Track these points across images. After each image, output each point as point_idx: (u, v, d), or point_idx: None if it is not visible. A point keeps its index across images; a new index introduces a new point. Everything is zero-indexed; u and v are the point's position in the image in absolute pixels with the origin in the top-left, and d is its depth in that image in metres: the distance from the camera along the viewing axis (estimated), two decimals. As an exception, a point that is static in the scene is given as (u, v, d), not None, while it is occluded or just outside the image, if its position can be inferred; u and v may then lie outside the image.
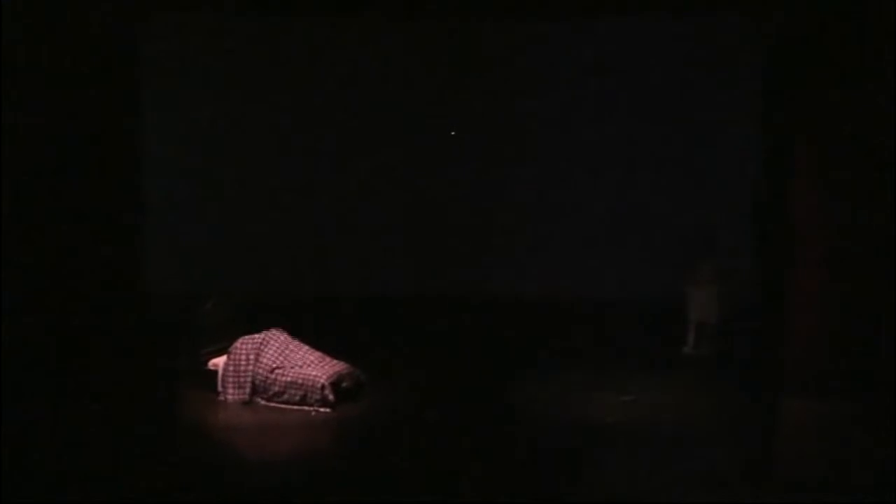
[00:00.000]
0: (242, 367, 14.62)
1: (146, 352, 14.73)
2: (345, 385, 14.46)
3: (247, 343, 14.81)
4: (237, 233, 18.87)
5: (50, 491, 11.42)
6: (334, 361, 14.80)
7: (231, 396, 14.61)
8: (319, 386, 14.24)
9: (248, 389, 14.56)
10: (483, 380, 15.24)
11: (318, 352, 14.97)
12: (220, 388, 14.69)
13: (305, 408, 14.27)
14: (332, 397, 14.22)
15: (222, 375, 14.69)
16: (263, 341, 14.83)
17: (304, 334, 15.25)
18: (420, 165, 19.04)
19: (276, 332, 15.06)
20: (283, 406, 14.40)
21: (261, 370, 14.57)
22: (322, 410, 14.20)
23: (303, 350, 14.93)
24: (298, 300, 17.51)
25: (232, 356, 14.73)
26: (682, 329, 15.73)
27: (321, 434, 13.76)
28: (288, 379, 14.42)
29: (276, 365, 14.59)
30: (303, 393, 14.30)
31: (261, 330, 15.03)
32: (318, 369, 14.48)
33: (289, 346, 14.89)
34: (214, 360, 14.89)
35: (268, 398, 14.53)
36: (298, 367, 14.53)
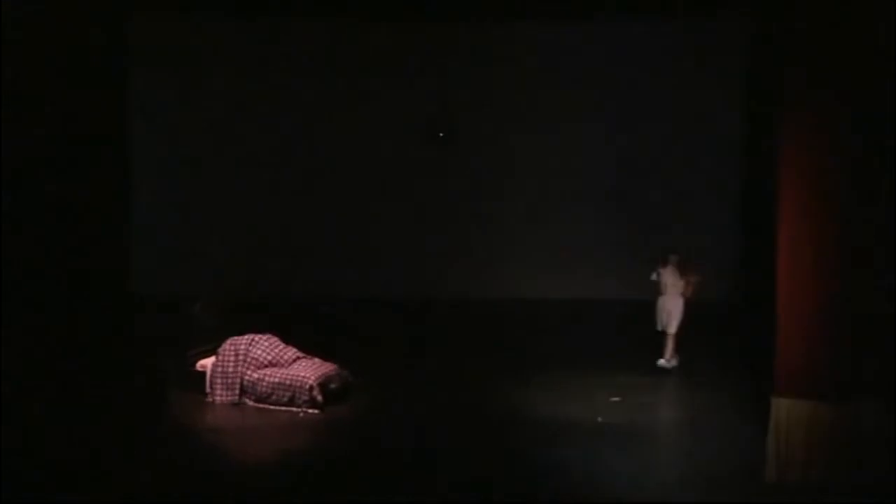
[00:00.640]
0: (231, 369, 14.57)
1: (134, 354, 14.68)
2: (333, 386, 14.43)
3: (235, 344, 14.77)
4: (225, 235, 18.86)
5: (38, 490, 11.39)
6: (322, 363, 14.77)
7: (219, 397, 14.56)
8: (307, 387, 14.20)
9: (237, 390, 14.51)
10: (472, 380, 15.22)
11: (305, 353, 14.95)
12: (208, 390, 14.64)
13: (293, 409, 14.23)
14: (320, 398, 14.18)
15: (210, 376, 14.65)
16: (251, 342, 14.78)
17: (290, 336, 15.23)
18: (407, 169, 19.05)
19: (264, 335, 15.01)
20: (271, 407, 14.36)
21: (249, 371, 14.52)
22: (310, 411, 14.16)
23: (291, 351, 14.91)
24: (285, 302, 17.51)
25: (220, 357, 14.69)
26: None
27: (309, 435, 13.74)
28: (276, 380, 14.38)
29: (264, 364, 14.56)
30: (291, 394, 14.26)
31: (248, 331, 14.98)
32: (306, 370, 14.44)
33: (277, 347, 14.86)
34: (202, 362, 14.84)
35: (256, 399, 14.48)
36: (286, 368, 14.50)
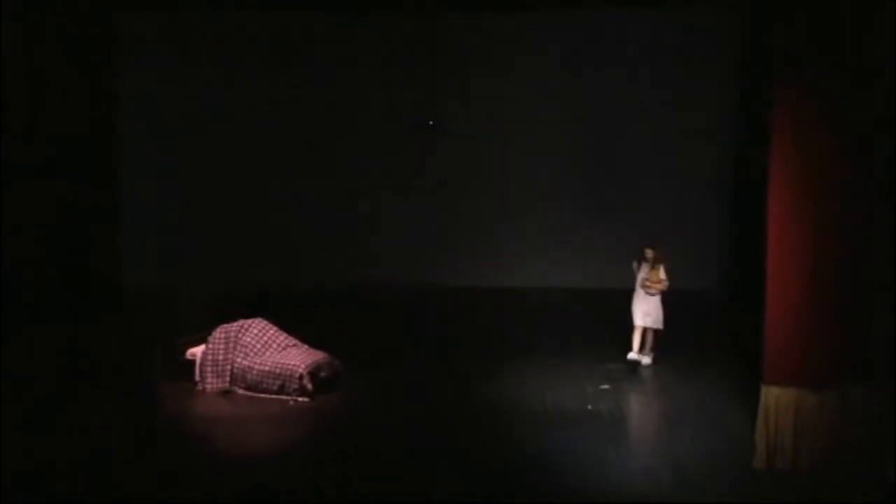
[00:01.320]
0: (221, 356, 14.57)
1: (124, 342, 14.70)
2: (323, 375, 14.43)
3: (224, 331, 14.76)
4: (214, 225, 18.83)
5: (29, 478, 11.40)
6: (312, 350, 14.77)
7: (210, 386, 14.55)
8: (297, 375, 14.20)
9: (228, 378, 14.51)
10: (462, 369, 15.24)
11: (295, 339, 14.95)
12: (198, 378, 14.63)
13: (283, 397, 14.24)
14: (310, 387, 14.19)
15: (200, 365, 14.64)
16: (241, 328, 14.77)
17: (279, 325, 15.19)
18: (396, 158, 19.04)
19: (254, 320, 15.00)
20: (261, 395, 14.36)
21: (239, 358, 14.52)
22: (300, 400, 14.17)
23: (281, 336, 14.89)
24: (275, 291, 17.50)
25: (210, 345, 14.68)
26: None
27: (299, 423, 13.76)
28: (266, 368, 14.38)
29: (254, 351, 14.54)
30: (281, 382, 14.26)
31: (237, 319, 14.97)
32: (296, 358, 14.44)
33: (267, 333, 14.84)
34: (192, 350, 14.83)
35: (246, 387, 14.48)
36: (277, 356, 14.48)
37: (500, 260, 18.89)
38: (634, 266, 15.15)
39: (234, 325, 14.82)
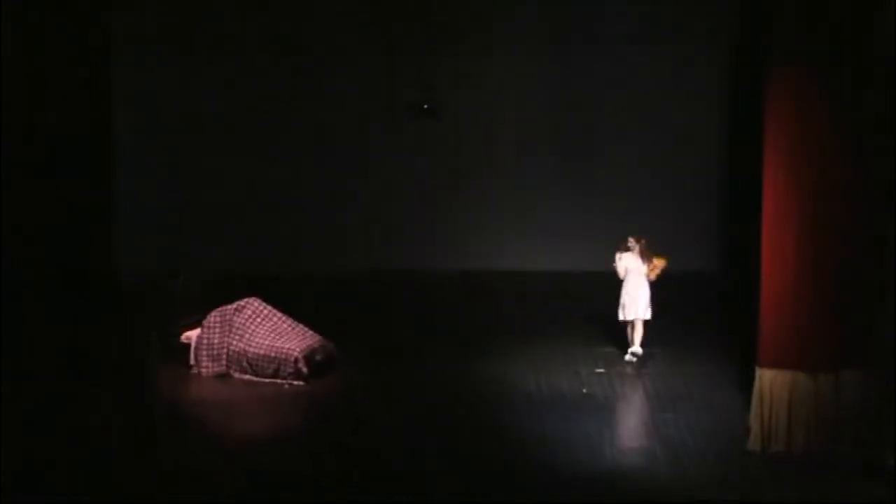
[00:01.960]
0: (216, 340, 14.57)
1: (119, 327, 14.70)
2: (318, 358, 14.43)
3: (220, 315, 14.74)
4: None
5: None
6: (307, 333, 14.73)
7: (205, 369, 14.56)
8: (293, 359, 14.21)
9: (223, 361, 14.50)
10: (456, 353, 15.23)
11: (290, 320, 14.88)
12: (193, 361, 14.63)
13: (278, 381, 14.25)
14: (305, 370, 14.20)
15: (195, 348, 14.64)
16: (236, 310, 14.73)
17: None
18: (384, 144, 18.96)
19: (249, 300, 14.94)
20: (256, 379, 14.36)
21: (234, 340, 14.50)
22: (295, 383, 14.18)
23: (276, 317, 14.82)
24: (271, 275, 17.44)
25: (205, 329, 14.67)
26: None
27: (294, 407, 13.77)
28: (261, 352, 14.37)
29: (248, 332, 14.50)
30: (276, 366, 14.27)
31: (233, 302, 14.94)
32: (291, 342, 14.43)
33: (261, 314, 14.78)
34: (188, 334, 14.82)
35: (241, 371, 14.48)
36: (271, 340, 14.46)
37: (494, 243, 18.82)
38: (617, 259, 14.95)
39: (229, 308, 14.77)
